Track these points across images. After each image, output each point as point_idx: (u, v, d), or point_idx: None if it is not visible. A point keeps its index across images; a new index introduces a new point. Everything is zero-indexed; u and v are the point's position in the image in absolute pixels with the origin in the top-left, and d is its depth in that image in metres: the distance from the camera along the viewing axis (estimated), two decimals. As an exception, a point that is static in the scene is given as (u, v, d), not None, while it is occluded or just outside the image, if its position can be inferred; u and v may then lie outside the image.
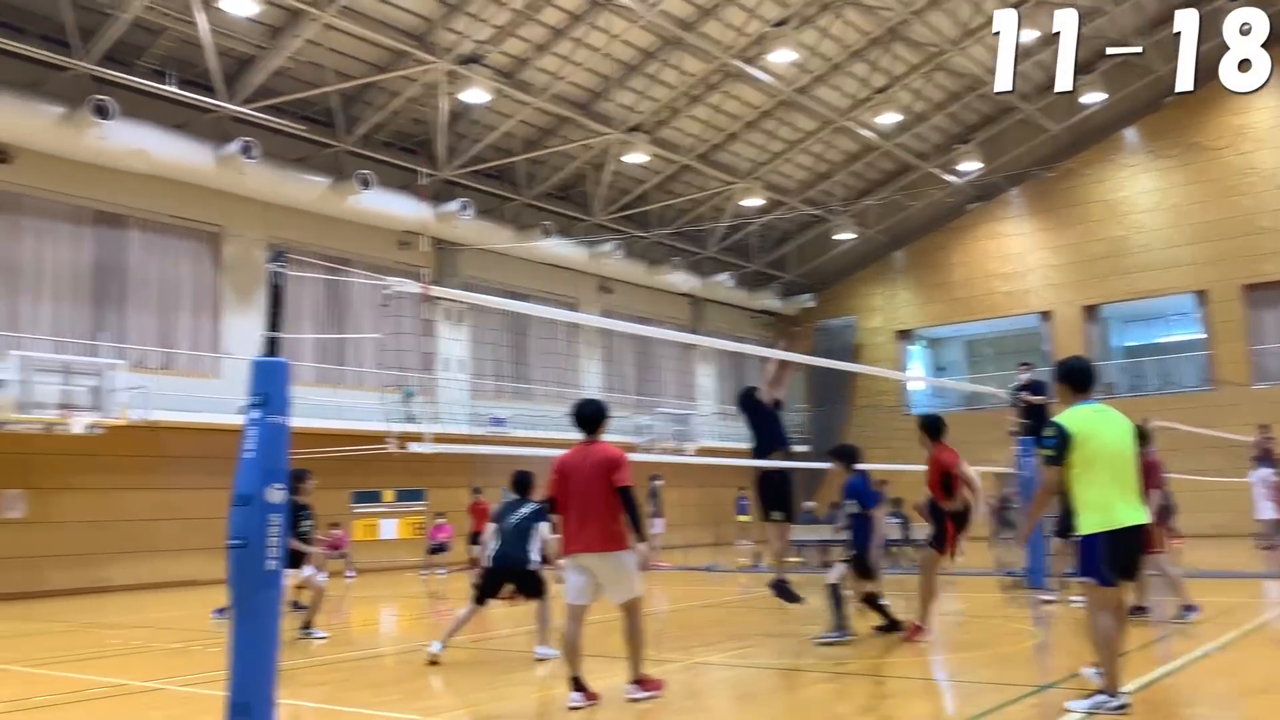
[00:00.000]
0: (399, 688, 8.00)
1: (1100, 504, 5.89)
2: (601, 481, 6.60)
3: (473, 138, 24.39)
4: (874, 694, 6.85)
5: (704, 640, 9.86)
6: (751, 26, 23.52)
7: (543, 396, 27.26)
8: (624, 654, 6.73)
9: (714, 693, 7.55)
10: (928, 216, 32.65)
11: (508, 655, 9.39)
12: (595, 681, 6.60)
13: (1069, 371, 6.37)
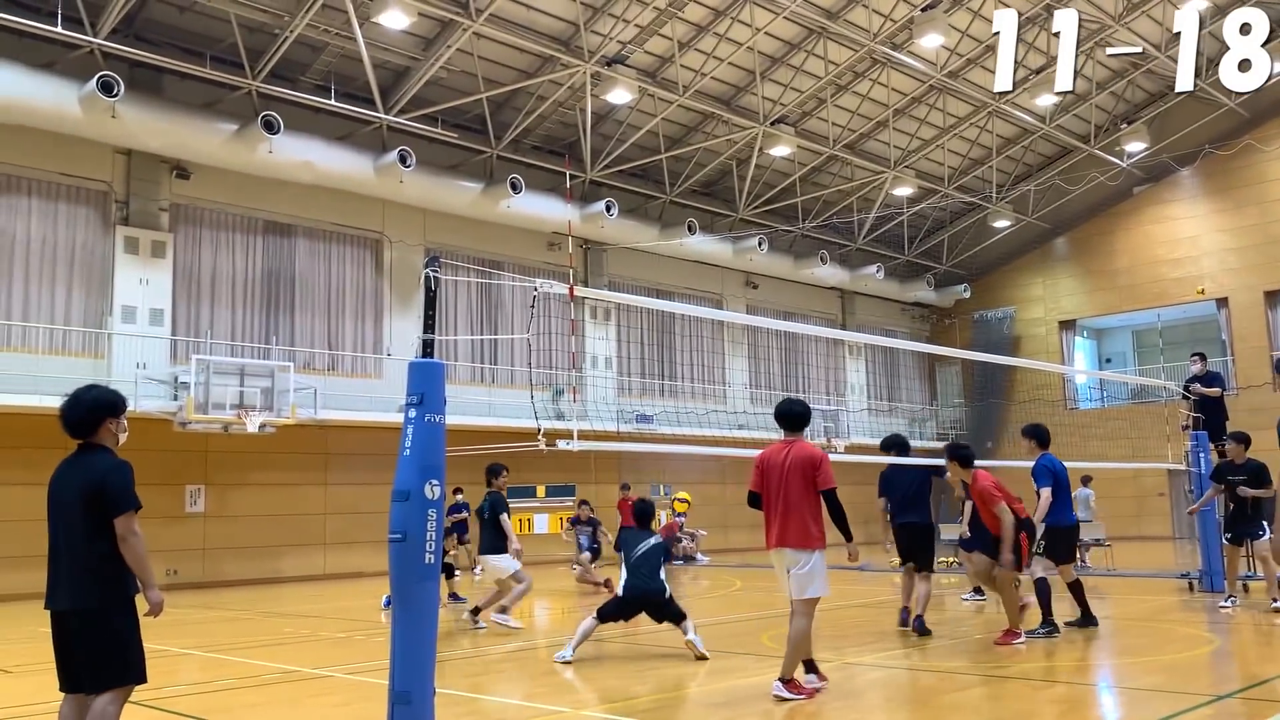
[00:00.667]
0: (548, 680, 8.16)
1: None
2: (801, 480, 6.79)
3: (617, 138, 24.66)
4: (1032, 699, 6.59)
5: (857, 641, 9.69)
6: (899, 11, 22.97)
7: (688, 393, 27.35)
8: (782, 651, 6.77)
9: (867, 694, 7.41)
10: (1090, 201, 31.16)
11: (646, 649, 9.45)
12: (750, 676, 6.57)
13: None
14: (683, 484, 26.10)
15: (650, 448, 17.82)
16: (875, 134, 27.74)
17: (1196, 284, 29.75)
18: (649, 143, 25.49)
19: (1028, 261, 33.45)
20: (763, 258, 27.95)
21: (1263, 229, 28.57)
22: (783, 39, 23.71)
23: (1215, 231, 29.61)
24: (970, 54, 25.36)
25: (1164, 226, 30.57)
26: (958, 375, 34.06)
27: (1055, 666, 8.13)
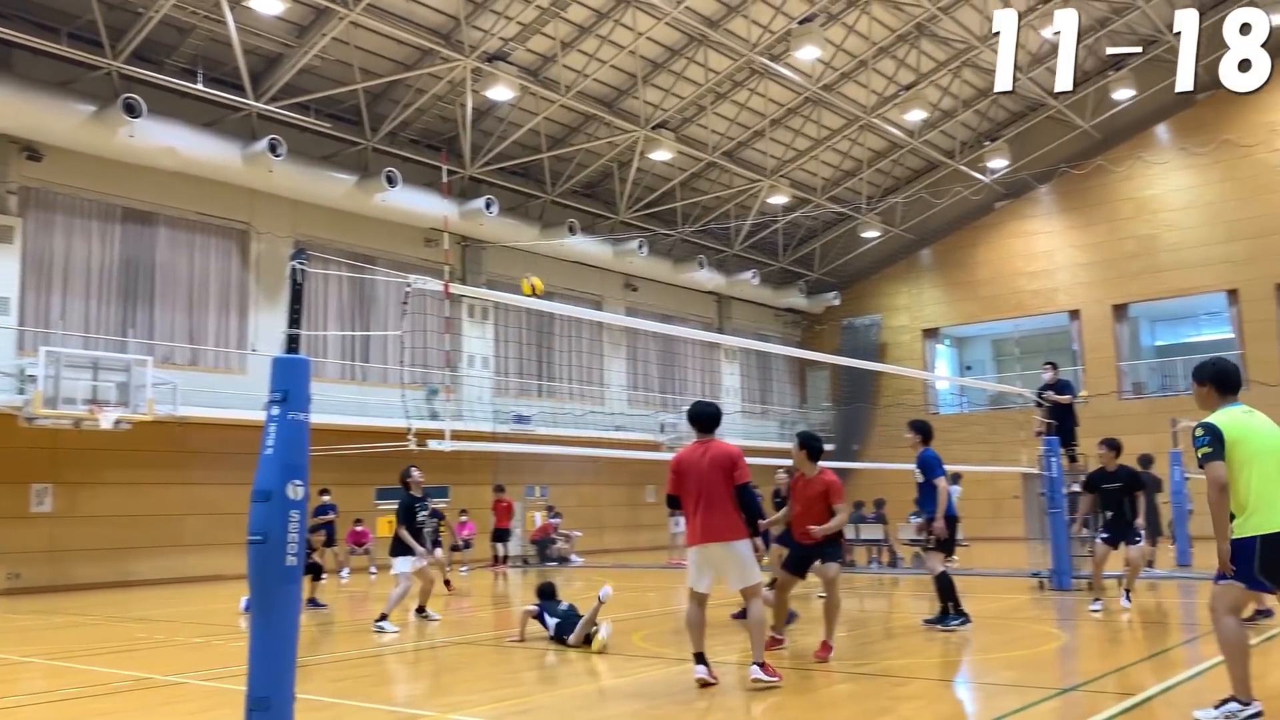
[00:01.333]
0: (419, 684, 8.03)
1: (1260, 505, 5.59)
2: (723, 476, 7.10)
3: (498, 135, 24.46)
4: (892, 695, 6.80)
5: (725, 640, 9.84)
6: (778, 23, 23.46)
7: (566, 394, 27.32)
8: (654, 650, 6.87)
9: (730, 691, 7.52)
10: (954, 214, 32.42)
11: (521, 650, 9.40)
12: (624, 676, 6.57)
13: (1218, 373, 6.00)
14: (559, 485, 26.06)
15: (526, 448, 17.74)
16: (753, 143, 28.25)
17: (1053, 296, 31.24)
18: (530, 141, 25.36)
19: (895, 271, 34.59)
20: (642, 260, 28.14)
21: (1112, 245, 30.22)
22: (664, 44, 23.93)
23: (1069, 247, 31.18)
24: (844, 68, 26.07)
25: (1022, 241, 32.03)
26: (827, 379, 34.98)
27: (913, 664, 8.41)
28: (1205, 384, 6.01)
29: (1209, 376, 5.98)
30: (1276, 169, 27.61)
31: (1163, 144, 29.75)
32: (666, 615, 12.45)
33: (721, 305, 33.05)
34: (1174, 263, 29.15)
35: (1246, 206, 28.07)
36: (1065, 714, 6.13)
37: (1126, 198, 30.05)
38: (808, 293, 34.39)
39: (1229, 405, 5.89)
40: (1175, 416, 19.41)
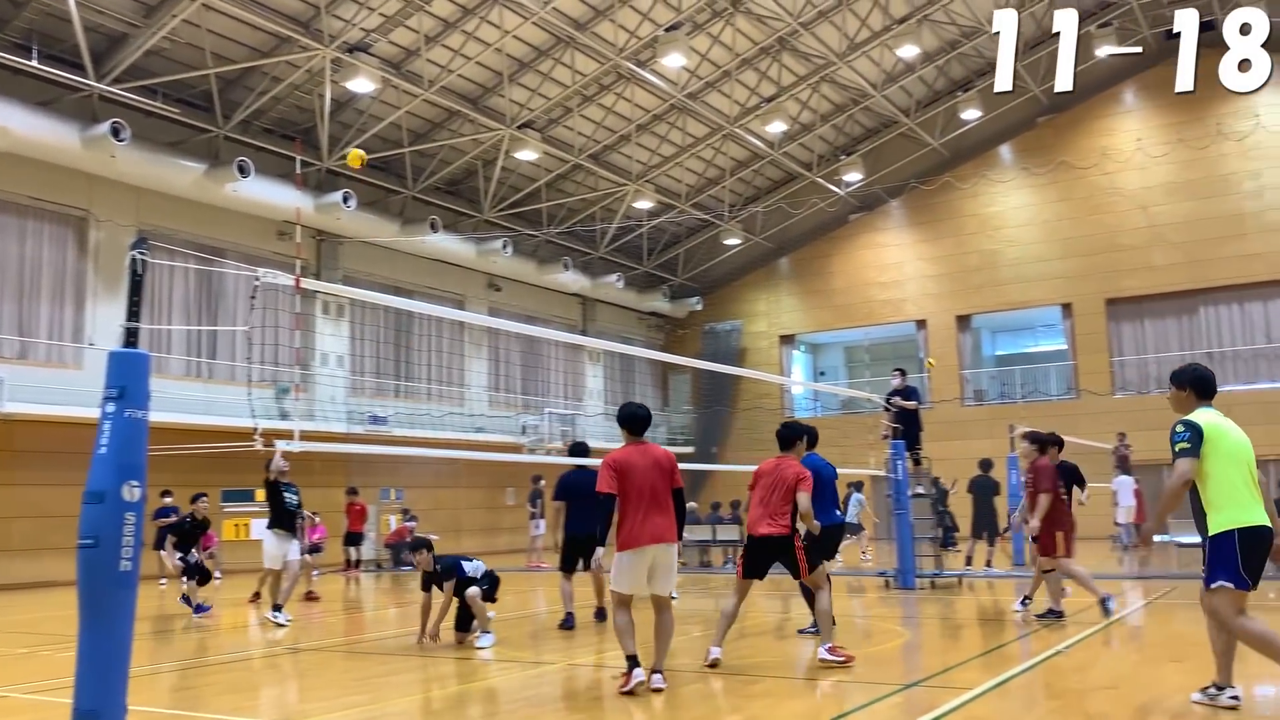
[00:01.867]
0: (266, 692, 7.75)
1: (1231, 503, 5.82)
2: (665, 478, 7.13)
3: (358, 128, 23.88)
4: (743, 694, 6.93)
5: (583, 641, 9.84)
6: (644, 29, 23.67)
7: (425, 395, 26.86)
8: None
9: (586, 693, 7.53)
10: (812, 225, 33.35)
11: (374, 656, 9.18)
12: (472, 682, 6.47)
13: (1198, 378, 6.20)
14: (415, 488, 25.58)
15: (381, 450, 17.31)
16: (619, 146, 28.41)
17: (901, 306, 32.49)
18: (392, 135, 24.84)
19: (754, 278, 35.35)
20: (506, 260, 27.92)
21: (958, 259, 31.64)
22: (531, 44, 23.82)
23: (917, 259, 32.48)
24: (709, 78, 26.51)
25: (874, 252, 33.20)
26: (689, 383, 35.47)
27: (764, 662, 8.60)
28: (1185, 388, 6.21)
29: (1189, 380, 6.19)
30: (1108, 191, 29.44)
31: (1005, 163, 31.34)
32: (524, 619, 12.38)
33: (586, 307, 33.10)
34: (1013, 277, 30.73)
35: (1080, 225, 29.83)
36: (907, 709, 6.36)
37: (971, 214, 31.51)
38: (671, 297, 34.79)
39: (1205, 408, 6.10)
40: (1013, 423, 20.46)
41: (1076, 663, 7.86)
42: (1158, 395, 28.38)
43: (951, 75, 29.79)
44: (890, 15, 25.94)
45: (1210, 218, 28.14)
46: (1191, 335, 28.60)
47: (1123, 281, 29.19)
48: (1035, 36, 28.64)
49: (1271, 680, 6.94)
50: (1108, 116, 30.04)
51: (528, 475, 23.33)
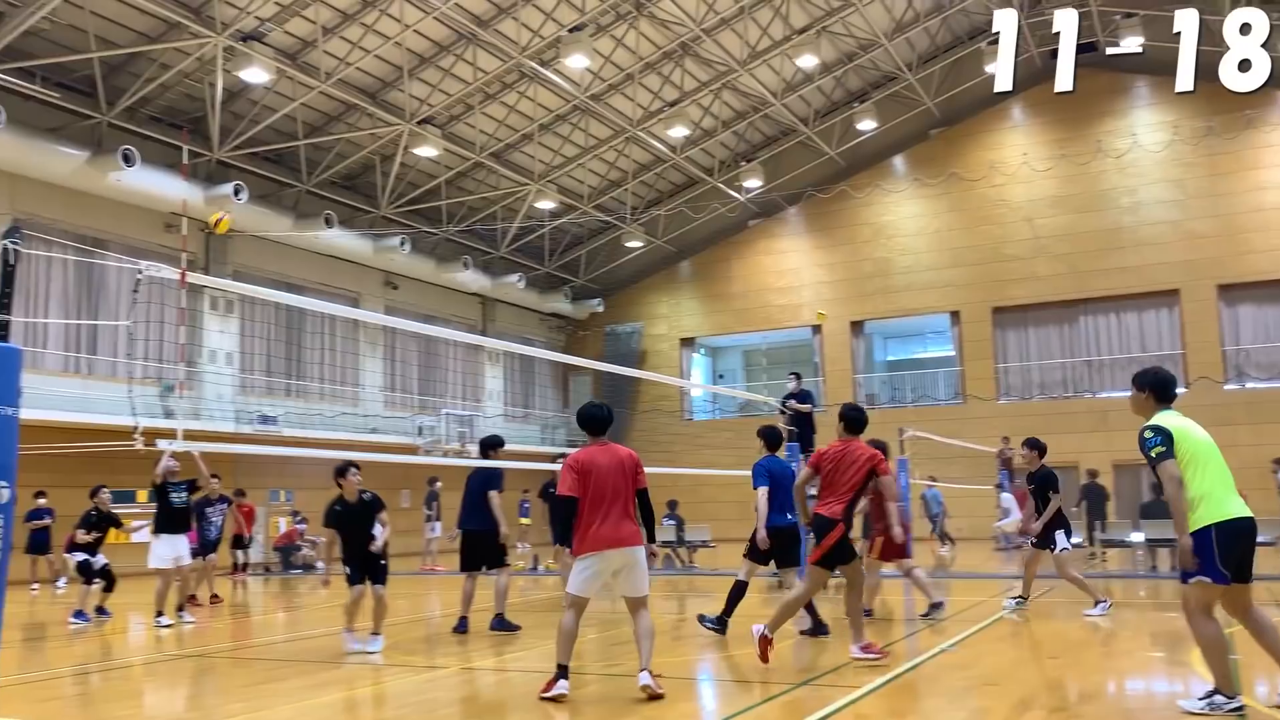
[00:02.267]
0: (140, 700, 7.45)
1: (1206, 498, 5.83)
2: (630, 480, 6.93)
3: (251, 118, 23.23)
4: (637, 696, 6.94)
5: (477, 645, 9.73)
6: (547, 29, 23.58)
7: (318, 395, 26.25)
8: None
9: (479, 698, 7.45)
10: (712, 229, 33.69)
11: (261, 663, 8.93)
12: (360, 688, 6.33)
13: (1158, 381, 6.27)
14: (306, 489, 24.96)
15: (270, 450, 16.82)
16: (521, 146, 28.24)
17: (798, 311, 33.02)
18: (287, 127, 24.23)
19: (656, 281, 35.54)
20: (404, 258, 27.47)
21: (853, 266, 32.35)
22: (432, 39, 23.51)
23: (814, 265, 33.10)
24: (612, 80, 26.56)
25: (773, 258, 33.71)
26: (589, 384, 35.44)
27: (660, 663, 8.62)
28: (1145, 390, 6.30)
29: (1149, 383, 6.28)
30: (995, 203, 30.47)
31: (899, 174, 32.17)
32: (416, 623, 12.20)
33: (486, 307, 32.79)
34: (905, 284, 31.56)
35: (969, 235, 30.81)
36: (796, 708, 6.45)
37: (865, 222, 32.26)
38: (572, 298, 34.73)
39: (1166, 410, 6.16)
40: (903, 426, 20.99)
41: (961, 660, 8.10)
42: (1040, 401, 29.53)
43: (849, 86, 30.45)
44: (790, 25, 26.38)
45: (1090, 231, 29.37)
46: (1072, 343, 29.80)
47: (1008, 291, 30.24)
48: (928, 51, 29.51)
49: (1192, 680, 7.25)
50: (996, 131, 31.10)
51: (423, 477, 22.99)
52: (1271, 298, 27.86)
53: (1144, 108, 29.39)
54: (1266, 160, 27.88)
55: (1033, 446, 11.15)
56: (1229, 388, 27.62)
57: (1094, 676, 7.07)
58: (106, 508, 12.93)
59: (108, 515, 12.95)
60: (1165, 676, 7.21)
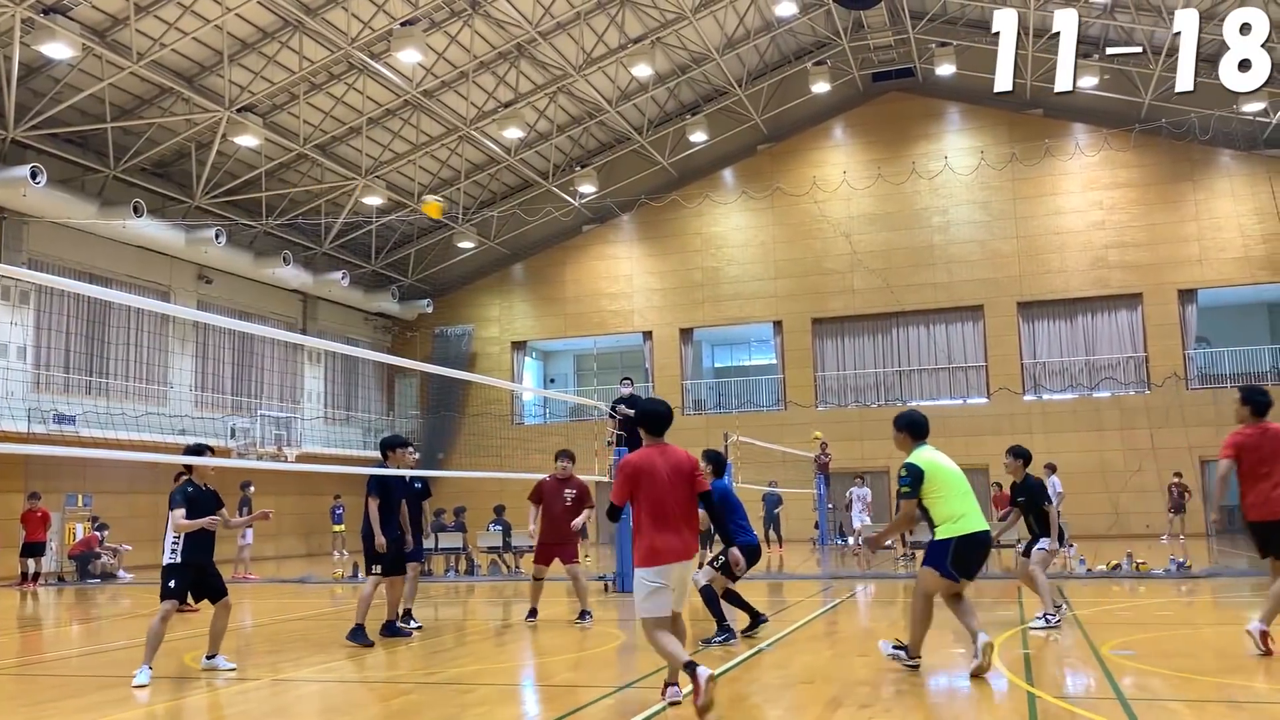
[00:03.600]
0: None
1: (953, 518, 7.11)
2: (688, 485, 6.31)
3: (52, 97, 21.69)
4: (458, 703, 6.83)
5: (292, 655, 9.35)
6: (379, 21, 23.02)
7: (122, 393, 24.70)
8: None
9: (297, 709, 7.16)
10: (546, 233, 33.65)
11: (47, 677, 8.30)
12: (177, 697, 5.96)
13: (910, 423, 7.35)
14: (108, 493, 23.47)
15: (66, 451, 15.66)
16: (348, 139, 27.43)
17: (630, 317, 33.35)
18: (94, 109, 22.72)
19: (488, 283, 35.19)
20: (219, 251, 26.17)
21: (683, 274, 32.95)
22: (256, 24, 22.55)
23: (645, 273, 33.52)
24: (445, 77, 26.15)
25: (606, 264, 33.95)
26: (416, 387, 34.74)
27: (482, 670, 8.52)
28: (902, 430, 7.38)
29: (904, 425, 7.38)
30: (817, 218, 31.66)
31: (728, 186, 32.99)
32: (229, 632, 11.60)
33: (307, 305, 31.64)
34: (732, 294, 32.39)
35: (792, 248, 31.90)
36: (619, 711, 6.49)
37: (695, 232, 32.93)
38: (400, 298, 33.95)
39: (921, 446, 7.26)
40: (728, 431, 21.54)
41: (777, 659, 8.33)
42: (855, 408, 30.83)
43: (681, 98, 31.01)
44: (626, 34, 26.66)
45: (904, 247, 30.92)
46: (886, 354, 31.26)
47: (827, 303, 31.47)
48: (758, 69, 30.42)
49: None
50: (819, 149, 32.33)
51: (236, 481, 21.97)
52: (1063, 315, 30.04)
53: (955, 132, 31.18)
54: (1063, 187, 30.07)
55: (1017, 455, 10.35)
56: (1027, 399, 29.59)
57: (900, 672, 7.40)
58: None
59: None
60: (965, 669, 7.61)
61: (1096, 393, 29.36)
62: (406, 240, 33.46)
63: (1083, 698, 6.72)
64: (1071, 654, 8.40)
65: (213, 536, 8.18)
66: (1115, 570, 15.63)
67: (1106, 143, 29.26)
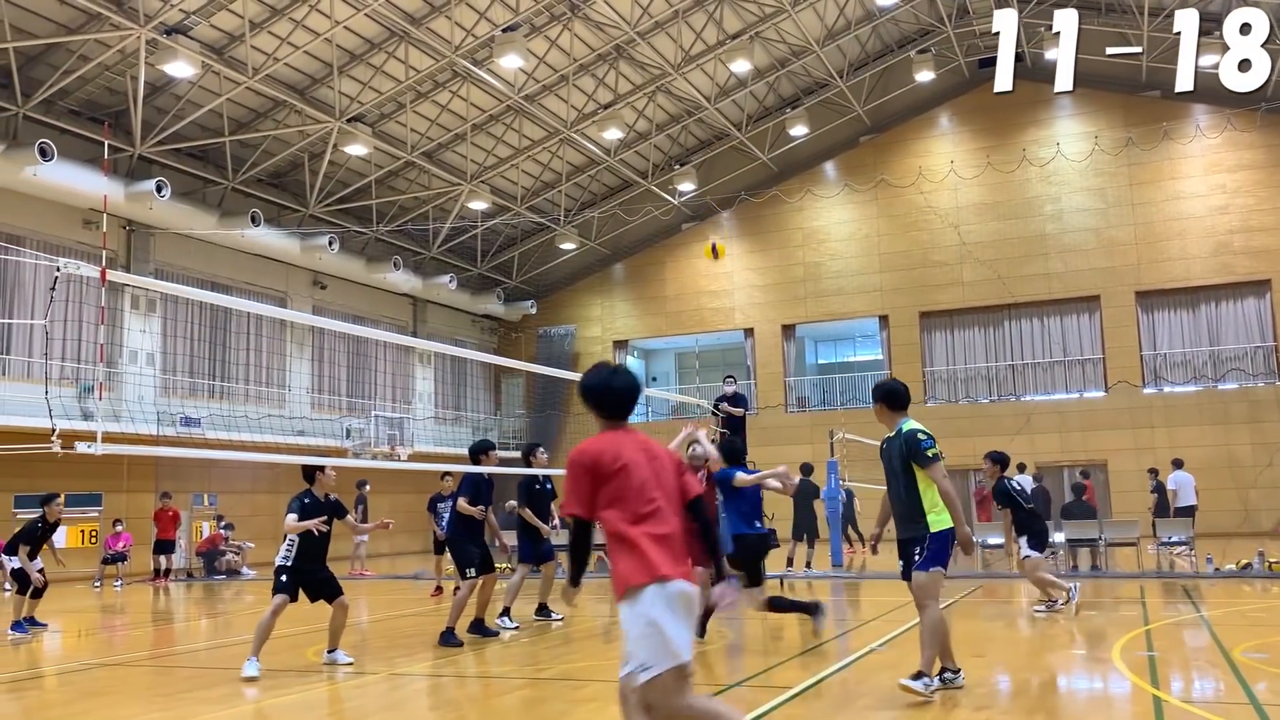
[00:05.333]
0: (51, 712, 7.21)
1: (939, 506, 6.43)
2: (676, 480, 4.35)
3: (175, 113, 22.66)
4: (569, 699, 6.92)
5: (407, 650, 9.61)
6: (481, 28, 23.41)
7: (244, 396, 25.71)
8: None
9: (412, 703, 7.35)
10: (646, 232, 33.75)
11: (183, 670, 8.70)
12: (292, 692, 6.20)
13: (885, 393, 6.83)
14: (231, 493, 24.46)
15: (193, 453, 16.42)
16: (453, 145, 28.00)
17: (730, 315, 33.23)
18: (212, 123, 23.70)
19: (589, 283, 35.49)
20: (333, 258, 27.01)
21: (784, 270, 32.67)
22: (363, 36, 23.19)
23: (746, 269, 33.35)
24: (546, 81, 26.46)
25: (705, 262, 33.85)
26: (522, 387, 35.25)
27: (592, 666, 8.61)
28: (879, 402, 6.86)
29: (880, 396, 6.87)
30: (923, 209, 31.01)
31: (830, 180, 32.56)
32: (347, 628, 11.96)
33: (417, 308, 32.41)
34: (835, 289, 31.97)
35: (898, 241, 31.32)
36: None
37: (797, 227, 32.60)
38: (505, 300, 34.51)
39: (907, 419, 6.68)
40: (833, 429, 21.29)
41: (888, 660, 8.21)
42: (965, 404, 30.12)
43: (781, 92, 30.76)
44: (724, 30, 26.56)
45: (1016, 237, 30.06)
46: (997, 347, 30.46)
47: (935, 296, 30.80)
48: (859, 59, 29.96)
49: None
50: (924, 139, 31.67)
51: (352, 480, 22.66)
52: (1185, 304, 28.81)
53: (1067, 118, 30.18)
54: (1183, 171, 28.82)
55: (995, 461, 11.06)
56: (1147, 391, 28.47)
57: (1018, 674, 7.22)
58: (55, 517, 12.36)
59: (53, 525, 12.37)
60: (1086, 673, 7.39)
61: (1222, 385, 28.07)
62: (510, 243, 33.99)
63: (1212, 702, 6.45)
64: (1200, 657, 8.07)
65: (325, 544, 8.55)
66: (1245, 570, 14.95)
67: (1229, 123, 27.93)
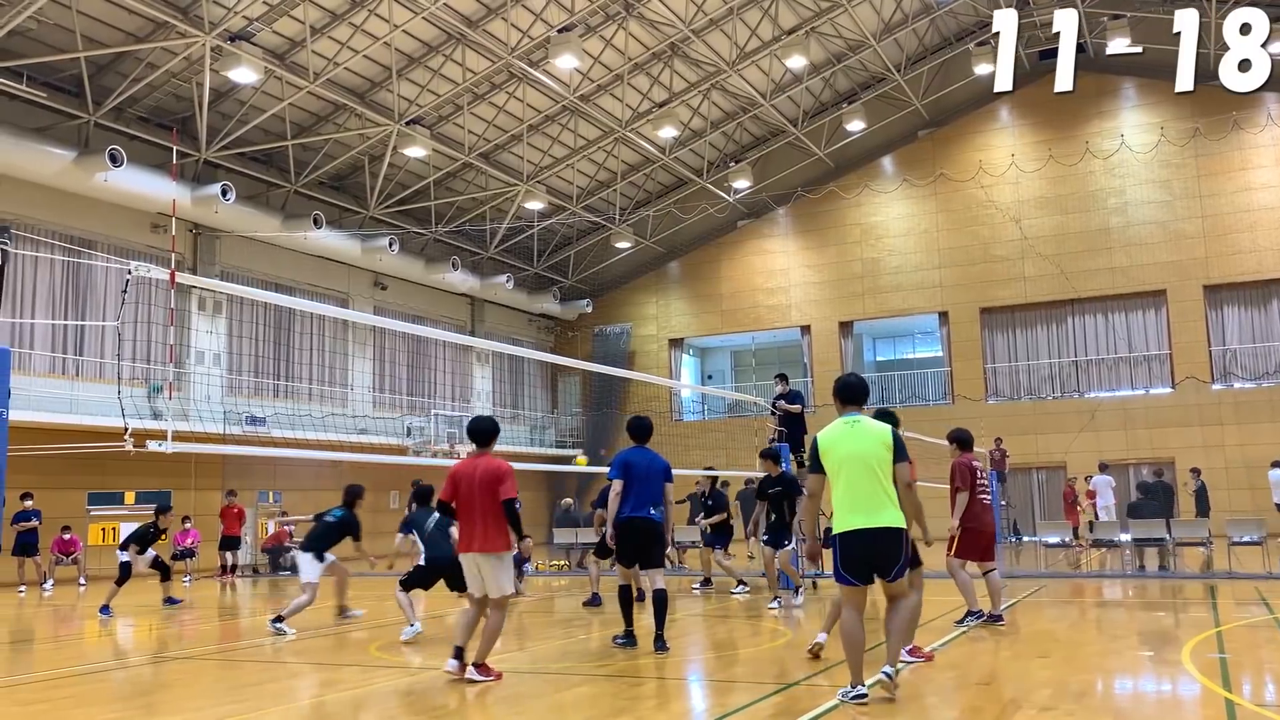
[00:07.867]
0: (128, 703, 7.41)
1: (837, 508, 6.26)
2: (488, 491, 7.48)
3: (239, 119, 23.15)
4: (630, 695, 6.95)
5: (470, 645, 9.71)
6: (536, 29, 23.57)
7: (306, 395, 26.16)
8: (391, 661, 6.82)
9: (474, 697, 7.43)
10: (701, 230, 33.72)
11: (249, 663, 8.88)
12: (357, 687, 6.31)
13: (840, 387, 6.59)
14: (295, 490, 24.90)
15: (259, 451, 16.76)
16: (510, 146, 28.21)
17: (787, 312, 33.06)
18: (275, 127, 24.16)
19: (644, 282, 35.54)
20: (393, 258, 27.39)
21: (841, 267, 32.42)
22: (421, 39, 23.48)
23: (802, 266, 33.16)
24: (601, 80, 26.55)
25: (761, 259, 33.75)
26: (578, 385, 35.43)
27: (650, 663, 8.63)
28: (835, 398, 6.61)
29: (835, 392, 6.62)
30: (983, 203, 30.57)
31: (887, 175, 32.24)
32: (403, 626, 12.14)
33: (474, 308, 32.74)
34: (893, 285, 31.64)
35: (957, 236, 30.90)
36: (788, 709, 6.46)
37: (854, 223, 32.33)
38: (561, 299, 34.69)
39: (845, 415, 6.43)
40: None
41: (951, 660, 8.12)
42: (1028, 401, 29.64)
43: (837, 87, 30.52)
44: (779, 26, 26.43)
45: (1079, 232, 29.50)
46: (1061, 343, 29.92)
47: (996, 291, 30.34)
48: (917, 53, 29.62)
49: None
50: (984, 132, 31.21)
51: (411, 478, 22.94)
52: (1257, 299, 28.04)
53: (1131, 109, 29.54)
54: (1253, 161, 28.05)
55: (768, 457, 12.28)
56: (1216, 388, 27.77)
57: (1083, 675, 7.10)
58: (165, 525, 13.32)
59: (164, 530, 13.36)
60: (1154, 675, 7.24)
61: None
62: (566, 242, 34.16)
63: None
64: (1275, 660, 7.87)
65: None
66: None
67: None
